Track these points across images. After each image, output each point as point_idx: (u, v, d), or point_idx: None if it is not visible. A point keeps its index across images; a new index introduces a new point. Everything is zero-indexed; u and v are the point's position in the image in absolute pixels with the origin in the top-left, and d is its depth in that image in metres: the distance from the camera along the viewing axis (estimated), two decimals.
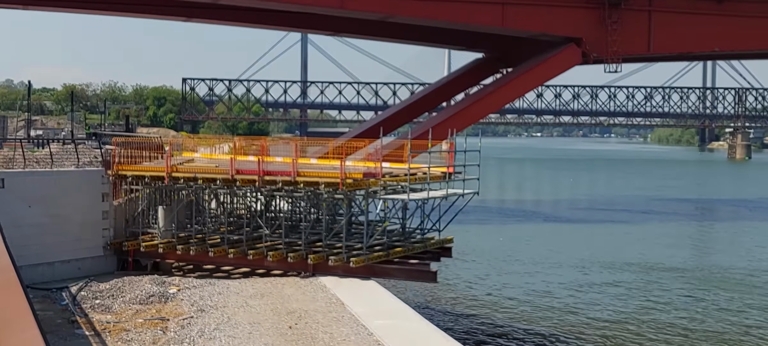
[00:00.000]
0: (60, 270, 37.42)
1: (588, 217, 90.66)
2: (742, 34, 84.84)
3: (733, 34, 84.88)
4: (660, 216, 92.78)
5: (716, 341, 37.80)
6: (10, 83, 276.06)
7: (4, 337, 8.11)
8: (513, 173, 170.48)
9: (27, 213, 36.56)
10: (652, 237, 73.52)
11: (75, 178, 40.00)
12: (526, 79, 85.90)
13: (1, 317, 8.70)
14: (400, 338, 25.10)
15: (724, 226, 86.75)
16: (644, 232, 77.73)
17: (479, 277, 52.01)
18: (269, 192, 38.71)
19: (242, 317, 28.81)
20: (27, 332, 7.47)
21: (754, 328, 40.42)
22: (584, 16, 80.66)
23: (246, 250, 37.09)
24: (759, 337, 38.77)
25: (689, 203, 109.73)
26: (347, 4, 74.15)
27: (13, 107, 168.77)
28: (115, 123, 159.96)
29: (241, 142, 45.20)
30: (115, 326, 29.12)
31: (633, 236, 73.80)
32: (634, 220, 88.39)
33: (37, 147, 53.90)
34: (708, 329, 39.87)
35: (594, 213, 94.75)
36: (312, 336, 25.85)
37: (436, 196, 37.10)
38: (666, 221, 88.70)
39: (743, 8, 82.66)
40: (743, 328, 40.40)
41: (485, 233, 72.38)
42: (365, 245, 35.48)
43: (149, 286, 34.59)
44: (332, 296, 31.36)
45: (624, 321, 40.97)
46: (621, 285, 50.29)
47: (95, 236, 39.53)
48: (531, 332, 38.33)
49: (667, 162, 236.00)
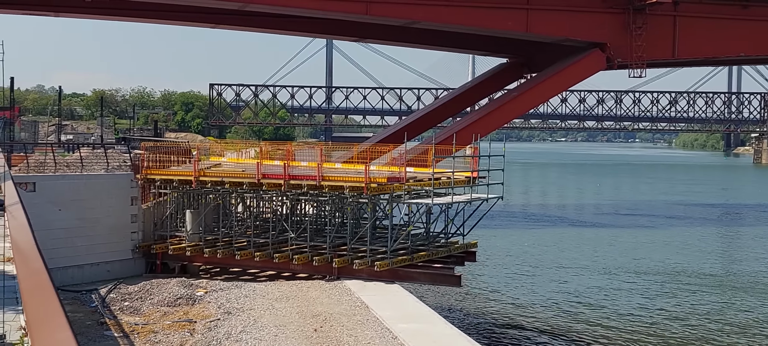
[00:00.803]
0: (89, 273, 37.78)
1: (613, 222, 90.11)
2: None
3: (759, 39, 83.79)
4: (685, 221, 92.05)
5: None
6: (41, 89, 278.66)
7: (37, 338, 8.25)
8: (537, 177, 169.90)
9: (57, 216, 36.92)
10: (676, 242, 72.97)
11: (104, 182, 40.37)
12: (550, 84, 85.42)
13: (34, 318, 8.85)
14: (424, 342, 25.13)
15: (750, 231, 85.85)
16: (669, 237, 77.16)
17: (504, 281, 51.87)
18: (295, 196, 38.88)
19: (268, 319, 28.94)
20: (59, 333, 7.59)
21: None
22: (608, 21, 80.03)
23: (272, 253, 37.27)
24: None
25: (715, 208, 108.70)
26: (372, 9, 74.14)
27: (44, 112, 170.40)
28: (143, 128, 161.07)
29: (267, 147, 45.37)
30: (144, 328, 29.35)
31: (658, 242, 73.27)
32: (659, 225, 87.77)
33: (67, 151, 54.38)
34: (734, 336, 39.51)
35: (619, 218, 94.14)
36: (337, 339, 25.91)
37: (460, 200, 37.08)
38: (691, 226, 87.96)
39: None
40: None
41: (510, 237, 72.16)
42: (389, 248, 35.54)
43: (177, 288, 34.84)
44: (357, 299, 31.44)
45: (648, 328, 40.71)
46: (646, 291, 49.96)
47: (124, 239, 39.87)
48: (556, 338, 38.20)
49: (692, 167, 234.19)
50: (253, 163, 41.05)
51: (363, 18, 76.60)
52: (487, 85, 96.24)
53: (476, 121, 76.31)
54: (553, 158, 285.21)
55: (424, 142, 65.46)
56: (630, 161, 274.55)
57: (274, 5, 72.98)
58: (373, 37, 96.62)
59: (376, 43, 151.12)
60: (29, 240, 13.74)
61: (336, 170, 39.68)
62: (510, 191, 42.22)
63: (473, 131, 60.97)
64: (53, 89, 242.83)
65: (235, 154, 50.09)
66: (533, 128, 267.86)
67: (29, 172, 40.35)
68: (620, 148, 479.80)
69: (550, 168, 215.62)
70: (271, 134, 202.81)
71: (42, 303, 9.08)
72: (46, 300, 9.07)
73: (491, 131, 76.27)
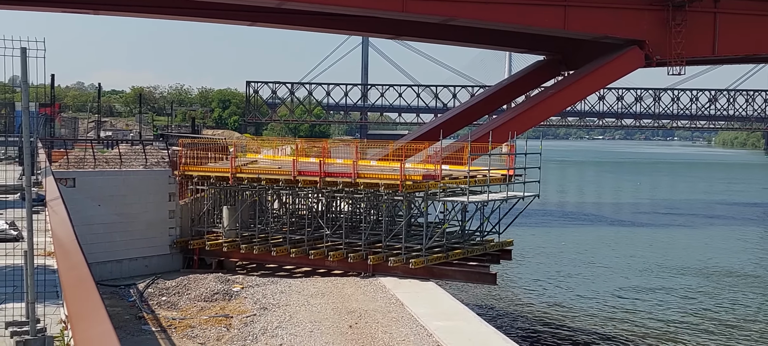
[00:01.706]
0: (128, 267, 38.20)
1: (650, 221, 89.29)
2: None
3: None
4: (725, 220, 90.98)
5: None
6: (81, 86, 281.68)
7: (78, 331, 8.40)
8: (574, 176, 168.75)
9: (97, 212, 37.36)
10: (716, 242, 72.18)
11: (143, 178, 40.76)
12: (587, 81, 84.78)
13: (76, 312, 9.01)
14: (459, 340, 25.12)
15: None
16: (708, 237, 76.32)
17: (540, 280, 51.67)
18: (330, 193, 39.03)
19: (304, 315, 29.09)
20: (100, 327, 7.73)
21: None
22: (648, 18, 79.27)
23: (307, 250, 37.45)
24: None
25: (755, 208, 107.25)
26: (408, 7, 74.03)
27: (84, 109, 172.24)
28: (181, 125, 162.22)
29: (302, 144, 45.62)
30: (181, 323, 29.64)
31: (696, 241, 72.53)
32: (698, 224, 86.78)
33: (106, 148, 54.99)
34: None
35: (656, 217, 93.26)
36: (372, 336, 25.99)
37: (495, 198, 36.97)
38: (731, 225, 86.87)
39: None
40: None
41: (546, 236, 71.84)
42: (424, 246, 35.56)
43: (214, 284, 35.12)
44: (392, 296, 31.49)
45: (685, 329, 40.35)
46: (684, 292, 49.50)
47: (162, 234, 40.26)
48: (592, 339, 37.99)
49: (732, 165, 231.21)
50: (289, 161, 41.28)
51: (399, 15, 76.55)
52: (523, 82, 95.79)
53: (512, 119, 75.96)
54: (590, 156, 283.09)
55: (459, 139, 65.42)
56: (668, 160, 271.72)
57: (311, 3, 73.19)
58: (409, 34, 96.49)
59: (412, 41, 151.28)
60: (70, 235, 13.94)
61: (371, 168, 39.77)
62: (546, 189, 42.06)
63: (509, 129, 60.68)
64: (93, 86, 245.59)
65: (271, 151, 50.40)
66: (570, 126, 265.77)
67: (69, 168, 40.84)
68: (658, 146, 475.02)
69: (587, 166, 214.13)
70: (307, 132, 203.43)
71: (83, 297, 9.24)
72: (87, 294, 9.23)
73: (528, 129, 75.89)
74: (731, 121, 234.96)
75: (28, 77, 11.80)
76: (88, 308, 8.61)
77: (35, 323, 12.07)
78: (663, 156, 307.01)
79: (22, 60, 11.64)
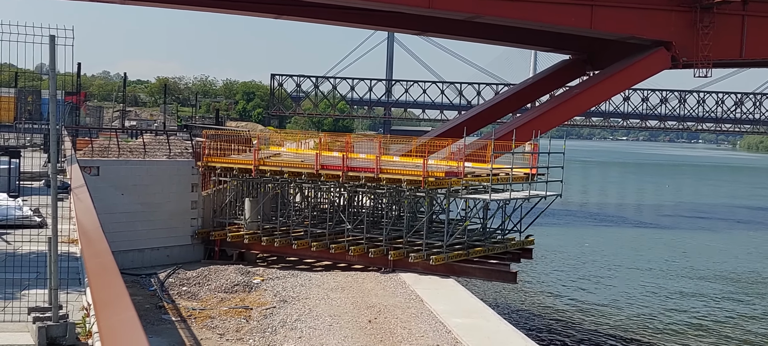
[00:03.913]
0: (149, 257, 38.39)
1: (673, 224, 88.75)
2: None
3: None
4: (748, 225, 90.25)
5: None
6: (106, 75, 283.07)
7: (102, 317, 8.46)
8: (597, 176, 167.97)
9: (120, 201, 37.55)
10: (738, 246, 71.62)
11: (166, 168, 40.93)
12: (613, 82, 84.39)
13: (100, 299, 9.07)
14: (478, 337, 25.08)
15: None
16: (730, 241, 75.77)
17: (560, 280, 51.50)
18: (352, 188, 39.06)
19: (323, 309, 29.14)
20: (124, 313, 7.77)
21: None
22: (675, 20, 78.77)
23: (328, 244, 37.51)
24: None
25: None
26: (435, 3, 73.94)
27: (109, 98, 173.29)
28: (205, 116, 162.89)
29: (326, 138, 45.66)
30: (201, 313, 29.79)
31: (718, 245, 72.03)
32: (721, 228, 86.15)
33: (130, 137, 55.30)
34: None
35: (679, 220, 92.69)
36: (390, 331, 26.00)
37: (518, 197, 36.89)
38: (754, 230, 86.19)
39: None
40: None
41: (567, 236, 71.55)
42: (445, 243, 35.53)
43: (234, 275, 35.30)
44: (411, 292, 31.49)
45: (703, 334, 40.08)
46: (705, 295, 49.17)
47: (184, 224, 40.42)
48: (612, 340, 37.82)
49: (758, 170, 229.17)
50: (312, 154, 41.32)
51: (426, 12, 76.45)
52: (548, 81, 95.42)
53: (536, 118, 75.70)
54: (614, 157, 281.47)
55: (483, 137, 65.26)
56: (693, 162, 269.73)
57: None
58: (434, 30, 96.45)
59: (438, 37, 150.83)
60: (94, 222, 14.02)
61: (394, 163, 39.76)
62: (569, 189, 41.90)
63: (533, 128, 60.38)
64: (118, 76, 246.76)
65: (294, 144, 50.50)
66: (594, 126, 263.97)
67: (94, 156, 41.08)
68: (683, 148, 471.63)
69: (610, 167, 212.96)
70: (330, 126, 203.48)
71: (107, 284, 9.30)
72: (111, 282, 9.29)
73: (551, 128, 75.44)
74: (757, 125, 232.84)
75: (55, 65, 11.84)
76: (112, 296, 8.66)
77: (58, 309, 12.16)
78: (687, 159, 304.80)
79: (50, 48, 11.68)
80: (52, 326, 11.94)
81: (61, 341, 11.94)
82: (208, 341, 26.51)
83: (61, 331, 11.97)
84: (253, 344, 25.99)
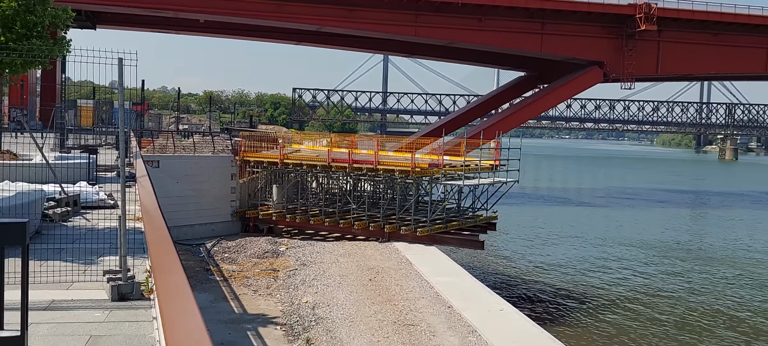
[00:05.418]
0: (198, 231, 38.37)
1: (606, 203, 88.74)
2: (732, 60, 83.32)
3: (726, 60, 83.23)
4: (664, 203, 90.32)
5: (705, 309, 36.69)
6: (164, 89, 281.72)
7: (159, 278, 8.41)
8: (546, 167, 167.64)
9: (175, 187, 37.52)
10: (656, 220, 71.66)
11: (211, 161, 40.90)
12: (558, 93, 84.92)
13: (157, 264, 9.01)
14: (454, 291, 25.09)
15: (715, 212, 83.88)
16: (650, 215, 75.79)
17: (518, 247, 51.50)
18: (356, 176, 39.02)
19: (334, 270, 29.13)
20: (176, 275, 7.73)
21: (731, 296, 39.14)
22: (606, 45, 79.49)
23: (338, 220, 37.49)
24: (738, 303, 37.53)
25: (687, 194, 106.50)
26: (419, 32, 74.52)
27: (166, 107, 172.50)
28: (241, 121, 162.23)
29: (335, 138, 45.52)
30: (239, 274, 29.76)
31: (641, 218, 72.04)
32: (642, 205, 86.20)
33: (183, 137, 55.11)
34: (694, 297, 38.73)
35: (611, 200, 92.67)
36: (386, 287, 26.01)
37: (485, 182, 36.91)
38: (667, 207, 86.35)
39: (734, 39, 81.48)
40: (724, 298, 39.14)
41: (524, 213, 71.48)
42: (429, 219, 35.50)
43: (265, 245, 35.24)
44: (403, 257, 31.46)
45: (629, 282, 40.13)
46: (631, 259, 49.22)
47: (225, 205, 40.41)
48: (559, 292, 37.84)
49: (670, 161, 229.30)
50: (325, 150, 41.28)
51: (413, 39, 77.20)
52: (508, 93, 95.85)
53: (499, 121, 76.09)
54: (559, 152, 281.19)
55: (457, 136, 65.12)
56: (620, 155, 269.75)
57: (344, 27, 73.40)
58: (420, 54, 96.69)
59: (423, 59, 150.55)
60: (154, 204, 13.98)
61: (389, 157, 39.71)
62: (524, 176, 41.83)
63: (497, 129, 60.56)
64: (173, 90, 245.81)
65: (311, 142, 50.37)
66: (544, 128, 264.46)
67: (154, 152, 41.04)
68: (612, 144, 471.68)
69: (556, 159, 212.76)
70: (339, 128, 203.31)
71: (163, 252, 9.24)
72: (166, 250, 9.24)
73: (511, 129, 75.63)
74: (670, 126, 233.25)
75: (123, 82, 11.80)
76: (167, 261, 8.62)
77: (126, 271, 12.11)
78: (616, 152, 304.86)
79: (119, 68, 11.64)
80: (122, 284, 11.89)
81: (128, 297, 11.89)
82: (244, 296, 26.49)
83: (129, 288, 11.93)
84: (280, 298, 25.97)
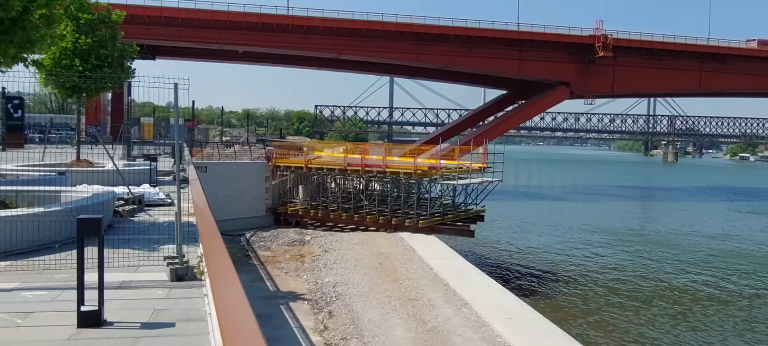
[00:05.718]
0: (239, 224, 38.38)
1: (574, 197, 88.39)
2: (673, 80, 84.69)
3: (668, 80, 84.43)
4: (618, 197, 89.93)
5: (654, 281, 36.42)
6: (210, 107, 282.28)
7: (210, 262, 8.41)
8: (525, 169, 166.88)
9: (220, 188, 37.57)
10: (613, 211, 71.25)
11: (249, 166, 40.99)
12: (534, 107, 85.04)
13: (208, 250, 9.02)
14: (450, 271, 25.03)
15: (661, 204, 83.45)
16: (608, 208, 75.40)
17: (503, 235, 51.32)
18: (368, 178, 38.97)
19: (351, 255, 29.12)
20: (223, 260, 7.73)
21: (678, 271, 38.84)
22: (572, 68, 79.83)
23: (353, 214, 37.43)
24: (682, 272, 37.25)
25: (638, 190, 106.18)
26: (420, 58, 74.63)
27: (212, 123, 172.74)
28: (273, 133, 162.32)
29: (350, 146, 45.53)
30: (272, 259, 29.77)
31: (600, 210, 71.69)
32: (603, 199, 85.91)
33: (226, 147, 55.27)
34: (645, 272, 38.45)
35: (577, 195, 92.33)
36: (393, 269, 25.97)
37: (474, 182, 36.82)
38: (622, 200, 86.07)
39: (675, 63, 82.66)
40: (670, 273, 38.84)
41: (507, 207, 71.22)
42: (429, 212, 35.44)
43: (293, 235, 35.24)
44: (407, 244, 31.41)
45: (591, 262, 39.89)
46: (595, 243, 48.97)
47: (260, 203, 40.44)
48: (534, 269, 37.68)
49: (624, 163, 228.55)
50: (342, 157, 41.27)
51: (415, 63, 77.31)
52: (493, 108, 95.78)
53: (486, 131, 76.03)
54: (535, 156, 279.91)
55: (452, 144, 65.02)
56: (584, 159, 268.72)
57: (357, 55, 73.53)
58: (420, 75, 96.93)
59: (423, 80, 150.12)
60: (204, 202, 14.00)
61: (395, 162, 39.64)
62: (507, 177, 41.71)
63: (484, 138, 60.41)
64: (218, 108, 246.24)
65: (330, 150, 50.39)
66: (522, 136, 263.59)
67: (203, 160, 41.16)
68: (578, 149, 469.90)
69: (533, 163, 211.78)
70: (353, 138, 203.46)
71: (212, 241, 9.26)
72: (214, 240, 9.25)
73: (495, 137, 75.75)
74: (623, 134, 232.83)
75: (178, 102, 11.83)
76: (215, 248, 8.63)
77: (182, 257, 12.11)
78: (581, 156, 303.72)
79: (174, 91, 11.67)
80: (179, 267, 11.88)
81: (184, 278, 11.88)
82: (277, 276, 26.51)
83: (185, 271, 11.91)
84: (306, 279, 25.97)
